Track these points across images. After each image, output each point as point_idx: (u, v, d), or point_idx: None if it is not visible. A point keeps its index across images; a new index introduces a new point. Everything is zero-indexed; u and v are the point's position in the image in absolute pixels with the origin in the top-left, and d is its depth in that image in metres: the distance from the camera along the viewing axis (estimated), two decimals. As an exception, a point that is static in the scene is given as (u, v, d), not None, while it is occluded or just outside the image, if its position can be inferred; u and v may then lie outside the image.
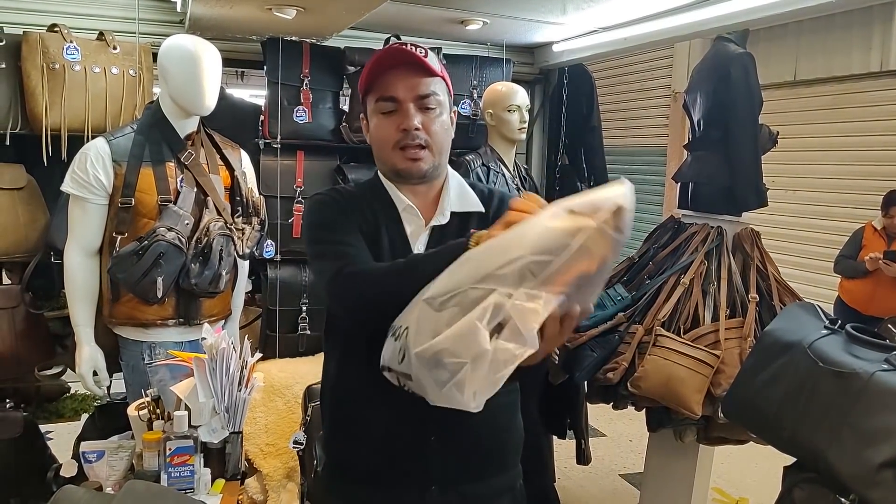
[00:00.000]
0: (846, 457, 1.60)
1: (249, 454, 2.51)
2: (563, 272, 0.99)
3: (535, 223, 1.03)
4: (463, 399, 1.02)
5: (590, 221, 0.98)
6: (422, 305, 1.09)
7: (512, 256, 1.01)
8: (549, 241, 0.99)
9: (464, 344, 1.00)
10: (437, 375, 1.04)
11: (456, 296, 1.04)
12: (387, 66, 1.39)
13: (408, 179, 1.43)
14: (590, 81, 4.13)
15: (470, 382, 1.01)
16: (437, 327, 1.05)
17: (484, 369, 1.00)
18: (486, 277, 1.02)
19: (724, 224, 2.75)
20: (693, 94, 2.96)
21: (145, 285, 2.24)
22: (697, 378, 2.40)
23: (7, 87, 2.69)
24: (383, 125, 1.40)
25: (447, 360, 1.02)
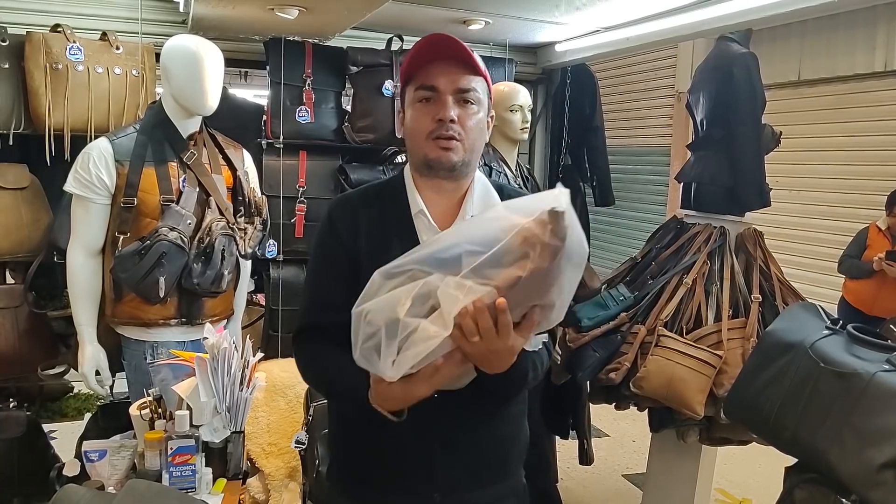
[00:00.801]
0: (847, 457, 1.60)
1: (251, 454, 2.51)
2: (495, 267, 1.04)
3: (480, 218, 1.10)
4: (378, 364, 1.08)
5: (522, 221, 1.02)
6: (377, 273, 1.13)
7: (452, 242, 1.07)
8: (485, 233, 1.05)
9: (383, 311, 1.06)
10: (362, 333, 1.09)
11: (404, 272, 1.10)
12: (431, 57, 1.36)
13: (437, 171, 1.38)
14: (592, 81, 4.13)
15: (386, 349, 1.06)
16: (377, 293, 1.10)
17: (399, 341, 1.06)
18: (429, 259, 1.08)
19: (727, 224, 2.75)
20: (696, 94, 2.96)
21: (147, 285, 2.25)
22: (700, 378, 2.40)
23: (10, 88, 2.70)
24: (419, 114, 1.37)
25: (368, 321, 1.08)
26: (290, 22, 2.90)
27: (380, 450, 1.40)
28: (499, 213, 1.06)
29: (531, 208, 1.03)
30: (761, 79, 2.74)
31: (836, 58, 5.39)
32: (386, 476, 1.42)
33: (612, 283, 2.88)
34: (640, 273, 2.84)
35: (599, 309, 2.70)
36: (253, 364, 1.92)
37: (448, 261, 1.05)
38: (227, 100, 2.84)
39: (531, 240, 1.02)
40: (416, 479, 1.39)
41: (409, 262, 1.09)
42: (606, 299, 2.72)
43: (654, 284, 2.69)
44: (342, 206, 1.47)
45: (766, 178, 2.80)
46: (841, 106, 5.48)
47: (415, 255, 1.10)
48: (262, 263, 3.30)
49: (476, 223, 1.08)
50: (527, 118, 2.91)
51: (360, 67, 3.34)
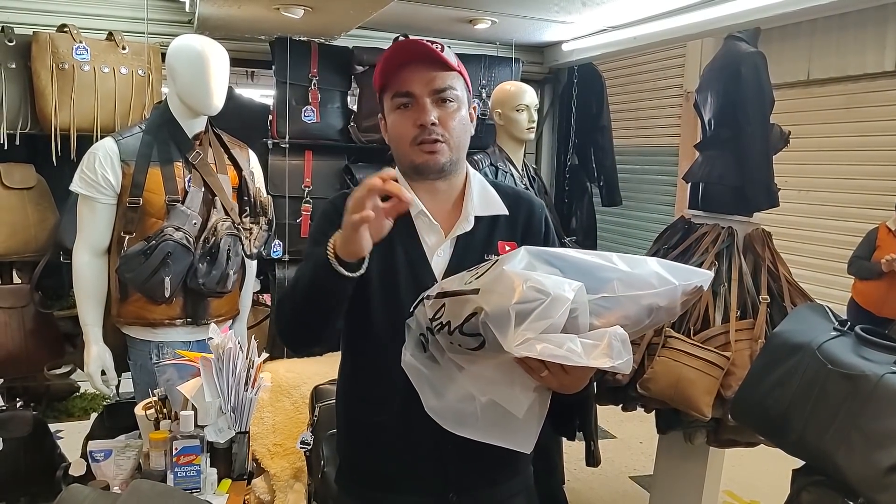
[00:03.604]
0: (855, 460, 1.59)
1: (256, 454, 2.51)
2: (625, 307, 1.11)
3: (638, 260, 1.14)
4: (511, 328, 1.06)
5: (674, 283, 1.10)
6: (525, 249, 1.17)
7: (608, 265, 1.13)
8: (639, 276, 1.11)
9: (554, 286, 1.07)
10: (519, 295, 1.08)
11: (555, 267, 1.14)
12: (401, 62, 1.36)
13: (426, 175, 1.39)
14: (600, 81, 4.12)
15: (536, 321, 1.06)
16: (521, 264, 1.14)
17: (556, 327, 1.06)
18: (585, 270, 1.13)
19: (735, 224, 2.73)
20: (704, 93, 2.94)
21: (153, 285, 2.25)
22: (707, 380, 2.38)
23: (17, 87, 2.71)
24: (399, 121, 1.37)
25: (533, 286, 1.07)
26: (296, 21, 2.90)
27: (391, 451, 1.40)
28: (652, 264, 1.12)
29: (682, 274, 1.11)
30: (770, 78, 2.71)
31: (846, 57, 5.36)
32: (399, 477, 1.41)
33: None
34: (647, 273, 2.82)
35: (606, 309, 2.68)
36: (258, 364, 1.92)
37: (598, 280, 1.10)
38: (232, 99, 2.83)
39: (668, 310, 1.11)
40: (430, 479, 1.39)
41: (559, 257, 1.14)
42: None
43: (661, 285, 2.68)
44: (335, 205, 1.46)
45: (775, 179, 2.78)
46: (850, 106, 5.44)
47: (569, 253, 1.15)
48: (267, 263, 3.30)
49: (631, 259, 1.13)
50: (533, 118, 2.90)
51: (365, 67, 3.34)
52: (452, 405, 1.22)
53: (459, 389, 1.19)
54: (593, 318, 1.07)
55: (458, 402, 1.20)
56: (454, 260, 1.40)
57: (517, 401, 1.14)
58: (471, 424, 1.21)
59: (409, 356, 1.24)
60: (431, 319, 1.17)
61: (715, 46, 3.13)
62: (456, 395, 1.20)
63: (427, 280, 1.36)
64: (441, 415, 1.25)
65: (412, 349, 1.23)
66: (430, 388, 1.22)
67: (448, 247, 1.41)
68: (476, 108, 1.48)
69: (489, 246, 1.42)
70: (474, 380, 1.15)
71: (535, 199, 1.53)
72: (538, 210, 1.49)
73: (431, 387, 1.22)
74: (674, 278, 1.10)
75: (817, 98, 5.66)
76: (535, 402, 1.17)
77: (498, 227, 1.44)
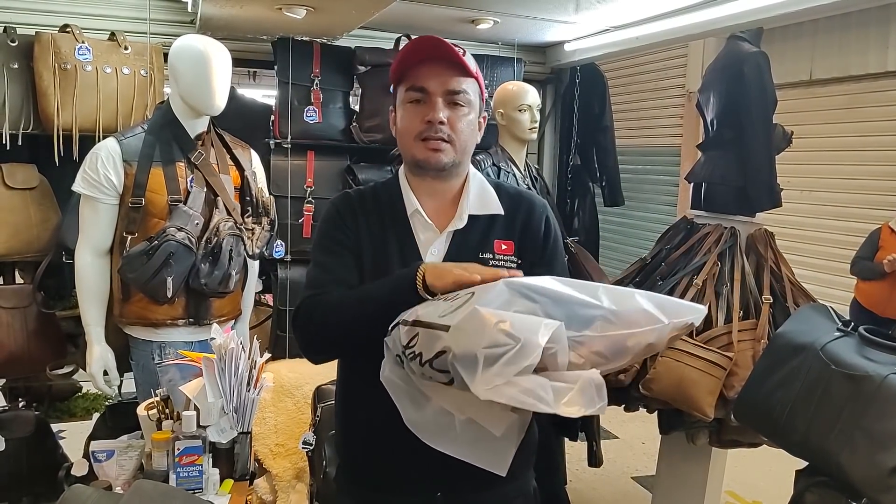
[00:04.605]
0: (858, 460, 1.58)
1: (258, 454, 2.50)
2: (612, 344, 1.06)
3: (624, 293, 1.07)
4: (478, 372, 1.02)
5: (664, 321, 1.05)
6: (504, 283, 1.11)
7: (591, 301, 1.06)
8: (626, 312, 1.05)
9: (524, 329, 1.02)
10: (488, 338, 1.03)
11: (534, 301, 1.07)
12: (421, 58, 1.37)
13: (426, 171, 1.41)
14: (602, 81, 4.11)
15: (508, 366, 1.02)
16: (496, 301, 1.08)
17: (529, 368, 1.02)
18: (563, 303, 1.06)
19: (738, 225, 2.72)
20: (706, 93, 2.94)
21: (155, 285, 2.25)
22: (710, 380, 2.38)
23: (19, 88, 2.71)
24: (409, 115, 1.39)
25: (502, 329, 1.02)
26: (299, 22, 2.90)
27: (383, 450, 1.40)
28: (641, 301, 1.06)
29: (672, 310, 1.06)
30: (772, 78, 2.71)
31: (849, 57, 5.35)
32: (389, 476, 1.42)
33: (622, 283, 2.86)
34: (649, 274, 2.83)
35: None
36: (260, 364, 1.92)
37: (579, 317, 1.04)
38: (235, 100, 2.84)
39: (654, 345, 1.06)
40: (418, 478, 1.39)
41: (540, 291, 1.07)
42: (616, 300, 2.70)
43: (664, 285, 2.68)
44: (345, 202, 1.49)
45: (777, 179, 2.77)
46: (853, 105, 5.44)
47: (551, 287, 1.08)
48: (269, 264, 3.29)
49: (619, 295, 1.07)
50: (535, 118, 2.90)
51: (368, 67, 3.33)
52: (431, 419, 1.21)
53: (438, 405, 1.18)
54: (573, 352, 1.03)
55: (437, 416, 1.19)
56: (449, 257, 1.41)
57: (496, 420, 1.12)
58: (450, 440, 1.20)
59: (388, 372, 1.23)
60: (405, 346, 1.15)
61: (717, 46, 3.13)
62: (434, 409, 1.19)
63: None
64: (420, 428, 1.24)
65: (390, 365, 1.23)
66: (409, 400, 1.22)
67: (443, 244, 1.42)
68: (486, 118, 1.49)
69: (485, 244, 1.43)
70: (452, 398, 1.13)
71: (537, 198, 1.53)
72: (538, 210, 1.49)
73: (411, 400, 1.22)
74: (663, 315, 1.05)
75: (820, 98, 5.65)
76: (514, 422, 1.15)
77: (495, 226, 1.45)
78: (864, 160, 5.35)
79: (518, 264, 1.42)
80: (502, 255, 1.42)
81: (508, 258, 1.42)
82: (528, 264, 1.42)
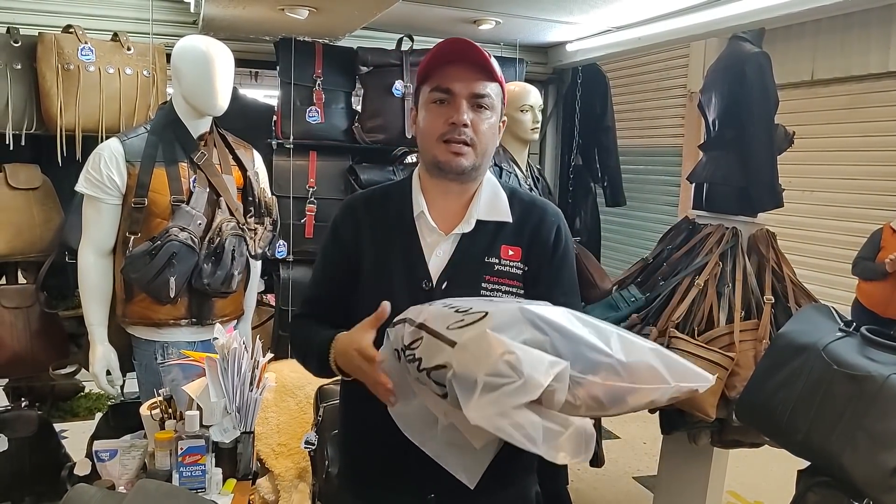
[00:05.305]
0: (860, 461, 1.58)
1: (261, 454, 2.51)
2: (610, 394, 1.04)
3: (638, 347, 1.05)
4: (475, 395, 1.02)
5: (670, 383, 1.03)
6: (518, 308, 1.10)
7: (603, 347, 1.04)
8: (633, 364, 1.03)
9: (529, 363, 1.01)
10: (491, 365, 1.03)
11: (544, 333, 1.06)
12: (449, 59, 1.37)
13: (446, 174, 1.40)
14: (604, 81, 4.11)
15: (504, 396, 1.02)
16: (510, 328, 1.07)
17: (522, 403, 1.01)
18: (573, 343, 1.05)
19: (740, 225, 2.73)
20: (708, 93, 2.94)
21: (158, 285, 2.25)
22: (711, 380, 2.38)
23: (22, 88, 2.71)
24: (433, 115, 1.38)
25: (508, 361, 1.02)
26: (301, 22, 2.90)
27: (382, 450, 1.41)
28: (652, 358, 1.04)
29: (680, 373, 1.04)
30: (774, 78, 2.71)
31: (850, 57, 5.35)
32: (388, 477, 1.43)
33: (624, 284, 2.87)
34: (651, 274, 2.83)
35: (610, 310, 2.68)
36: (263, 364, 1.92)
37: (587, 360, 1.02)
38: (237, 100, 2.84)
39: (655, 402, 1.04)
40: (414, 479, 1.39)
41: (553, 325, 1.05)
42: (617, 301, 2.71)
43: (666, 286, 2.68)
44: (345, 209, 1.53)
45: (779, 179, 2.77)
46: (854, 106, 5.43)
47: (564, 323, 1.06)
48: (272, 264, 3.30)
49: (632, 346, 1.05)
50: (537, 118, 2.90)
51: (370, 67, 3.34)
52: (415, 414, 1.22)
53: (424, 405, 1.18)
54: (570, 392, 1.01)
55: (422, 412, 1.19)
56: (454, 260, 1.41)
57: (478, 433, 1.09)
58: (429, 438, 1.21)
59: (380, 358, 1.24)
60: (406, 346, 1.15)
61: (719, 47, 3.13)
62: (420, 405, 1.19)
63: (422, 278, 1.39)
64: (403, 420, 1.25)
65: (386, 354, 1.23)
66: (397, 391, 1.22)
67: (449, 246, 1.42)
68: (505, 122, 1.49)
69: (491, 249, 1.42)
70: (440, 403, 1.12)
71: (550, 207, 1.53)
72: (550, 218, 1.48)
73: (400, 391, 1.22)
74: (671, 377, 1.03)
75: (821, 98, 5.65)
76: (494, 438, 1.14)
77: (503, 232, 1.44)
78: (866, 160, 5.35)
79: (524, 271, 1.42)
80: (508, 260, 1.42)
81: (514, 264, 1.42)
82: (534, 272, 1.42)
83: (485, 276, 1.40)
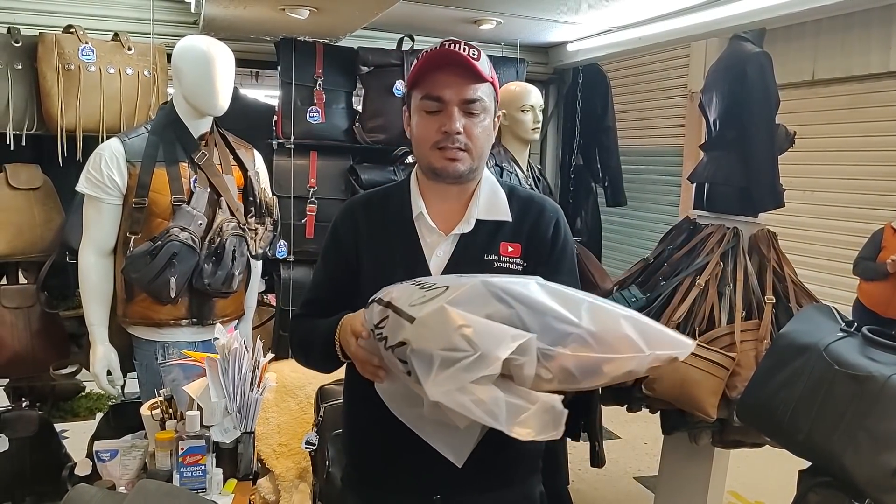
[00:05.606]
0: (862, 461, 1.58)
1: (262, 454, 2.51)
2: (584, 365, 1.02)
3: (608, 312, 1.03)
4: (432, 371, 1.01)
5: (645, 352, 1.01)
6: (482, 282, 1.08)
7: (570, 317, 1.02)
8: (603, 332, 1.01)
9: (486, 338, 1.00)
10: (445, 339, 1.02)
11: (509, 306, 1.05)
12: (437, 66, 1.37)
13: (443, 179, 1.41)
14: (604, 81, 4.11)
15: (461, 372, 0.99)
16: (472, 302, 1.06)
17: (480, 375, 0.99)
18: (539, 313, 1.03)
19: (741, 225, 2.72)
20: (709, 93, 2.94)
21: (159, 285, 2.25)
22: (712, 380, 2.38)
23: (23, 88, 2.71)
24: (425, 123, 1.39)
25: (465, 335, 1.00)
26: (302, 22, 2.90)
27: (386, 449, 1.41)
28: (625, 326, 1.01)
29: (657, 340, 1.02)
30: (775, 78, 2.71)
31: (851, 57, 5.35)
32: (393, 477, 1.43)
33: (624, 284, 2.86)
34: (652, 274, 2.83)
35: (612, 310, 2.68)
36: (263, 365, 1.92)
37: (555, 331, 1.00)
38: (238, 100, 2.84)
39: (634, 371, 1.02)
40: (419, 480, 1.39)
41: (518, 297, 1.03)
42: (618, 301, 2.70)
43: (667, 286, 2.68)
44: (345, 212, 1.54)
45: (780, 179, 2.77)
46: (855, 106, 5.43)
47: (530, 294, 1.04)
48: (272, 264, 3.30)
49: (603, 315, 1.02)
50: (538, 118, 2.90)
51: (370, 67, 3.34)
52: (402, 391, 1.20)
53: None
54: (542, 366, 0.99)
55: (407, 391, 1.16)
56: (454, 260, 1.42)
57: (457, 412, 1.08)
58: (417, 416, 1.18)
59: (364, 342, 1.24)
60: (375, 326, 1.14)
61: (720, 47, 3.13)
62: (406, 385, 1.16)
63: None
64: (390, 397, 1.24)
65: (368, 335, 1.22)
66: (386, 370, 1.21)
67: (448, 246, 1.43)
68: (500, 117, 1.50)
69: (491, 247, 1.43)
70: (409, 380, 1.10)
71: (549, 203, 1.53)
72: (549, 214, 1.49)
73: (387, 371, 1.21)
74: (646, 346, 1.00)
75: (822, 98, 5.65)
76: None
77: (502, 230, 1.45)
78: (867, 160, 5.35)
79: (524, 267, 1.42)
80: (508, 257, 1.42)
81: (514, 260, 1.42)
82: (533, 267, 1.42)
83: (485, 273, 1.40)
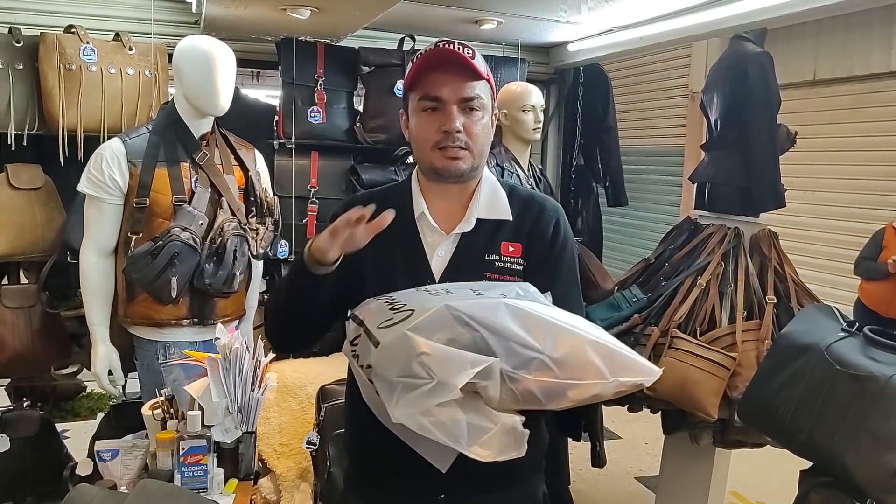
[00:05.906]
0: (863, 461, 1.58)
1: (263, 454, 2.51)
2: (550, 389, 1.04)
3: (574, 337, 1.05)
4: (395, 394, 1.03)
5: (608, 378, 1.04)
6: (445, 307, 1.10)
7: (534, 344, 1.04)
8: (567, 356, 1.03)
9: (443, 365, 1.02)
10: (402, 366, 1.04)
11: (473, 330, 1.07)
12: (433, 66, 1.37)
13: (445, 179, 1.42)
14: (605, 81, 4.10)
15: (423, 397, 1.02)
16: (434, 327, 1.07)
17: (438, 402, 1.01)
18: (503, 337, 1.05)
19: (742, 225, 2.72)
20: (710, 93, 2.94)
21: (160, 285, 2.25)
22: (713, 380, 2.38)
23: (24, 88, 2.71)
24: (424, 124, 1.39)
25: (423, 362, 1.03)
26: (303, 22, 2.90)
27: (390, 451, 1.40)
28: (590, 353, 1.04)
29: (622, 366, 1.04)
30: (776, 78, 2.71)
31: (852, 57, 5.35)
32: (396, 478, 1.42)
33: (625, 284, 2.86)
34: (653, 274, 2.82)
35: (612, 310, 2.68)
36: (264, 364, 1.92)
37: (519, 356, 1.02)
38: (239, 100, 2.84)
39: (600, 395, 1.04)
40: (422, 479, 1.39)
41: (482, 322, 1.05)
42: (619, 301, 2.70)
43: (668, 286, 2.68)
44: (345, 209, 1.50)
45: (781, 179, 2.77)
46: (856, 106, 5.43)
47: (493, 319, 1.05)
48: (273, 264, 3.30)
49: (569, 340, 1.04)
50: (539, 118, 2.90)
51: (371, 67, 3.34)
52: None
53: None
54: (507, 387, 1.00)
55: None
56: (455, 259, 1.42)
57: None
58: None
59: (348, 344, 1.24)
60: (350, 342, 1.16)
61: (721, 47, 3.12)
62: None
63: (425, 278, 1.39)
64: (375, 405, 1.22)
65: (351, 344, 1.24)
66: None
67: (450, 246, 1.43)
68: (498, 115, 1.50)
69: (491, 246, 1.43)
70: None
71: (549, 202, 1.53)
72: (549, 212, 1.49)
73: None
74: (610, 373, 1.02)
75: (823, 98, 5.65)
76: None
77: (503, 229, 1.45)
78: (868, 160, 5.34)
79: (524, 266, 1.42)
80: (508, 256, 1.43)
81: (514, 260, 1.43)
82: (533, 266, 1.43)
83: (485, 273, 1.41)
